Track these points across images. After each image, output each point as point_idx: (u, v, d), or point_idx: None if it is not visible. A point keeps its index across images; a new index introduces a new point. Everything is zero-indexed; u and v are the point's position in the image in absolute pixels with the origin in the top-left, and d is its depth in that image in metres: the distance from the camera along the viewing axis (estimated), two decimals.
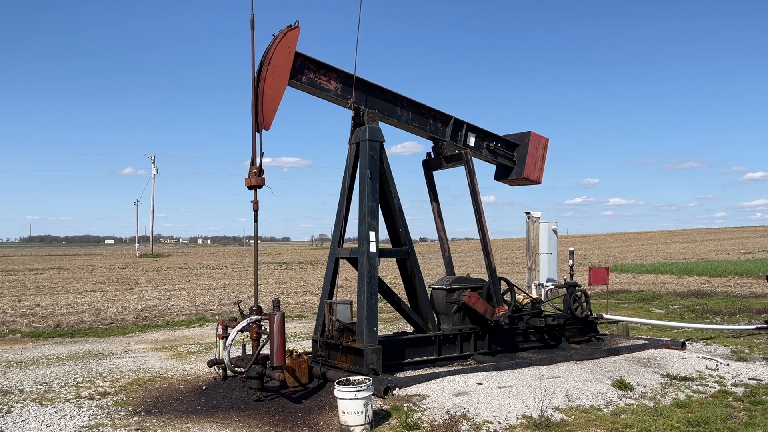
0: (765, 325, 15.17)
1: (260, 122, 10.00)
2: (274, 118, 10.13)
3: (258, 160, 9.85)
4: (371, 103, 11.23)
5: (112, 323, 19.55)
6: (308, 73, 10.59)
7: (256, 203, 9.88)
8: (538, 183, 13.37)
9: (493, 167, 13.60)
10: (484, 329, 11.84)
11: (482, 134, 12.77)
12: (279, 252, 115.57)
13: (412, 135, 12.34)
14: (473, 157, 12.49)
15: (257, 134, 9.96)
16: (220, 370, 10.52)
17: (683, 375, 10.75)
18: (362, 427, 7.98)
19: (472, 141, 12.55)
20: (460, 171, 12.42)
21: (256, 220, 9.98)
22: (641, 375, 10.59)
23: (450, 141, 12.20)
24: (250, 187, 9.88)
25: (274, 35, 10.18)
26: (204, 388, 10.29)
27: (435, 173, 12.93)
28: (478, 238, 12.36)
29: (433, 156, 12.74)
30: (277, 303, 9.47)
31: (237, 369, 9.55)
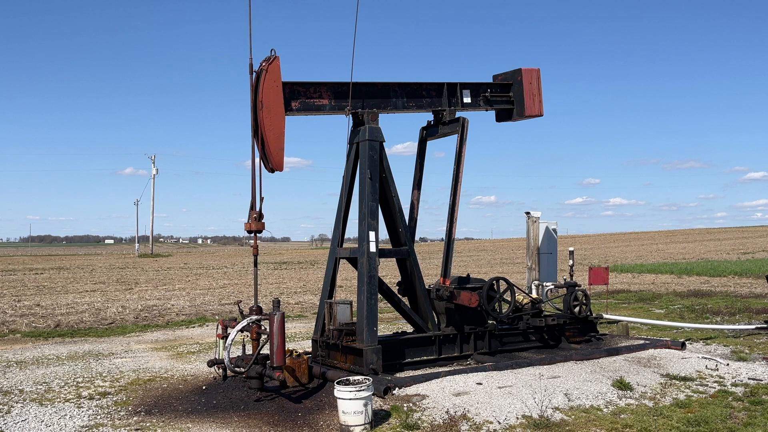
0: (765, 325, 15.17)
1: (273, 165, 10.08)
2: (284, 157, 10.17)
3: (258, 204, 9.89)
4: (367, 103, 11.24)
5: (112, 323, 19.55)
6: (300, 97, 10.58)
7: (255, 248, 9.97)
8: (541, 115, 13.31)
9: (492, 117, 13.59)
10: (478, 321, 11.84)
11: (476, 87, 12.67)
12: (279, 252, 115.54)
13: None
14: (472, 112, 12.45)
15: (257, 178, 9.95)
16: (220, 370, 10.52)
17: (683, 375, 10.75)
18: (362, 427, 7.99)
19: (468, 98, 12.47)
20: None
21: (256, 265, 10.06)
22: (641, 375, 10.59)
23: (449, 108, 12.17)
24: (249, 232, 9.94)
25: (255, 71, 10.02)
26: (204, 388, 10.29)
27: (430, 143, 12.86)
28: (450, 199, 11.96)
29: (432, 123, 12.65)
30: (277, 303, 9.47)
31: (237, 369, 9.55)
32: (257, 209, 9.86)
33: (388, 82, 11.59)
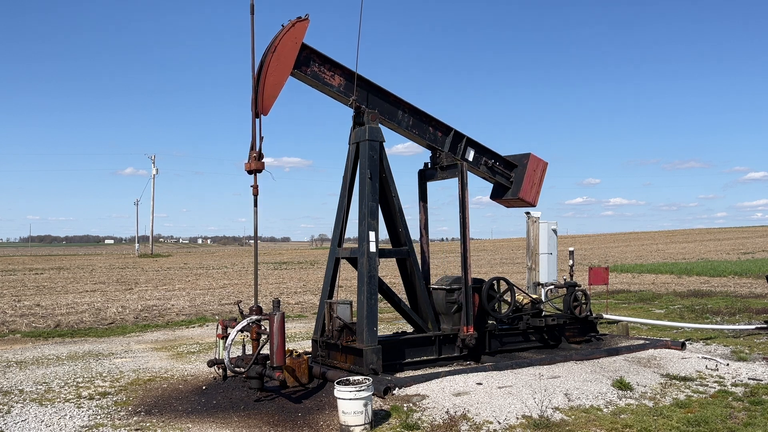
0: (765, 325, 15.18)
1: (260, 107, 10.01)
2: (273, 105, 10.15)
3: (258, 144, 9.86)
4: (373, 104, 11.21)
5: (112, 323, 19.55)
6: (313, 65, 10.59)
7: (255, 188, 9.90)
8: (534, 205, 13.20)
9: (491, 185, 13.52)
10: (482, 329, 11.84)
11: (481, 150, 12.60)
12: (279, 252, 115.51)
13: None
14: (470, 172, 12.36)
15: (257, 119, 9.97)
16: (220, 370, 10.51)
17: (683, 375, 10.76)
18: (362, 427, 7.99)
19: (470, 155, 12.38)
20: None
21: (256, 205, 9.96)
22: (641, 375, 10.59)
23: (448, 152, 12.06)
24: (249, 172, 9.89)
25: (283, 25, 10.21)
26: (204, 388, 10.29)
27: (429, 184, 12.74)
28: (461, 247, 11.84)
29: (430, 166, 12.53)
30: (277, 303, 9.47)
31: (237, 369, 9.55)
32: (257, 149, 9.84)
33: (402, 98, 11.47)
